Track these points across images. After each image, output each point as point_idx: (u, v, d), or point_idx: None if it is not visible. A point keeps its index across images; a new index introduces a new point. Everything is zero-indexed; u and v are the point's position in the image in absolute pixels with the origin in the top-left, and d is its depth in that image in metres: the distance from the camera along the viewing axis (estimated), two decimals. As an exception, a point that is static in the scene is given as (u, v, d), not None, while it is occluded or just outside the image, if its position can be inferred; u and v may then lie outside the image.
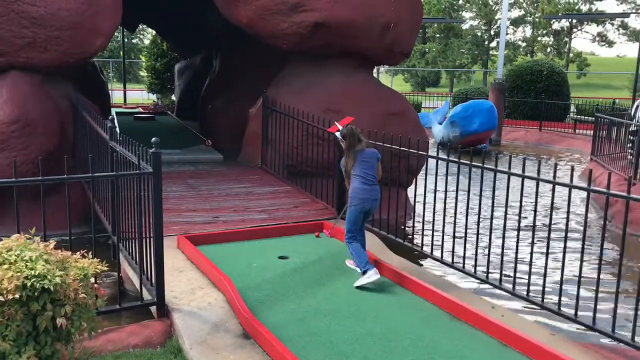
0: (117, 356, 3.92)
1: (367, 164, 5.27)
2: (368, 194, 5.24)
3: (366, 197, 5.23)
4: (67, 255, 3.56)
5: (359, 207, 5.24)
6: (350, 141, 5.31)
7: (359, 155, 5.28)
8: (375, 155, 5.37)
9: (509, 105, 20.79)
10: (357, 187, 5.24)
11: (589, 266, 6.42)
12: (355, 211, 5.26)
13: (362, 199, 5.23)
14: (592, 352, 4.01)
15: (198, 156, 10.51)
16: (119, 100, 24.63)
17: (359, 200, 5.23)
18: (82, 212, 7.16)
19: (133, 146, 4.72)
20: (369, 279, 5.00)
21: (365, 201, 5.24)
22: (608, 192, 4.09)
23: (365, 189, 5.23)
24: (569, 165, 4.53)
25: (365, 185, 5.23)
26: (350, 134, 5.33)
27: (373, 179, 5.28)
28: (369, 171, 5.27)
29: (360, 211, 5.27)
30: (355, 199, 5.25)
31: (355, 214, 5.27)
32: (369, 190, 5.24)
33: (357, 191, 5.24)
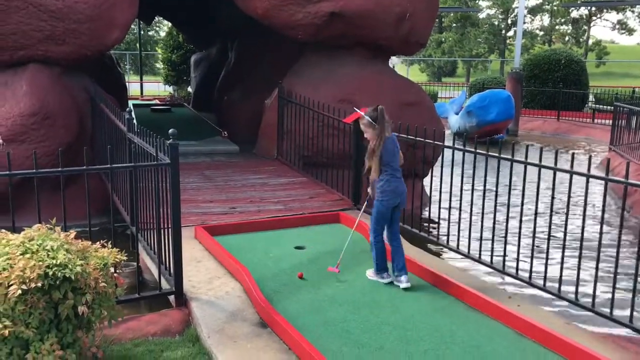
0: (137, 344, 3.98)
1: (394, 153, 4.81)
2: (401, 187, 4.83)
3: (400, 191, 4.82)
4: (87, 245, 3.62)
5: (390, 202, 4.80)
6: (383, 125, 4.72)
7: (389, 142, 4.77)
8: (395, 140, 4.92)
9: (526, 94, 20.60)
10: (389, 180, 4.78)
11: (606, 258, 6.38)
12: (386, 207, 4.82)
13: (395, 192, 4.79)
14: (608, 342, 4.00)
15: (214, 147, 10.58)
16: (136, 93, 24.81)
17: (391, 194, 4.78)
18: (101, 203, 7.25)
19: (150, 138, 4.78)
20: (381, 279, 4.90)
21: (397, 195, 4.81)
22: (627, 181, 4.06)
23: (398, 180, 4.80)
24: (587, 155, 4.50)
25: (397, 178, 4.80)
26: (382, 116, 4.72)
27: (398, 170, 4.85)
28: (398, 160, 4.84)
29: (390, 207, 4.83)
30: (388, 193, 4.78)
31: (385, 210, 4.83)
32: (402, 183, 4.83)
33: (390, 184, 4.78)
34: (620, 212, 4.32)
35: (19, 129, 7.30)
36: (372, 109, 4.83)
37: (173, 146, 4.32)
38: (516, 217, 5.13)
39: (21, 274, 3.12)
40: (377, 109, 4.78)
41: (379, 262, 4.90)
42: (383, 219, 4.88)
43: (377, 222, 4.87)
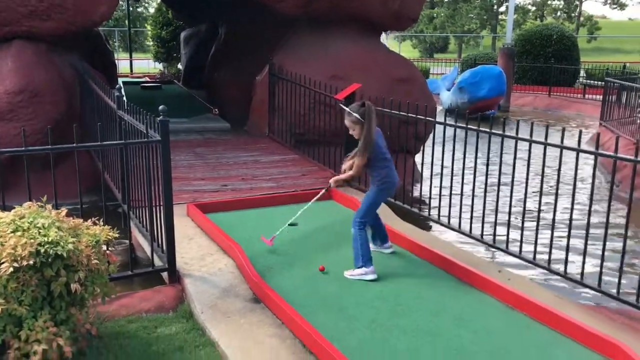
0: (130, 321, 4.00)
1: (384, 144, 4.71)
2: (395, 178, 4.74)
3: (395, 182, 4.74)
4: (78, 223, 3.61)
5: (389, 192, 4.79)
6: (371, 123, 4.52)
7: (379, 135, 4.65)
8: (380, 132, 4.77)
9: (518, 70, 20.56)
10: (391, 170, 4.69)
11: (595, 233, 6.43)
12: (383, 197, 4.78)
13: (394, 183, 4.73)
14: (596, 313, 4.06)
15: (205, 125, 10.52)
16: (125, 70, 24.56)
17: (391, 184, 4.71)
18: (92, 182, 7.21)
19: (140, 115, 4.74)
20: (366, 275, 4.53)
21: (393, 186, 4.76)
22: (616, 155, 4.08)
23: (392, 171, 4.71)
24: (578, 130, 4.52)
25: (389, 169, 4.70)
26: (371, 114, 4.52)
27: (390, 160, 4.74)
28: (387, 152, 4.71)
29: (386, 197, 4.86)
30: (389, 184, 4.69)
31: (380, 200, 4.78)
32: (395, 174, 4.75)
33: (392, 175, 4.69)
34: (609, 186, 4.36)
35: (6, 106, 7.22)
36: (359, 104, 4.64)
37: (163, 123, 4.29)
38: (508, 192, 5.15)
39: (12, 252, 3.11)
40: (364, 104, 4.59)
41: (362, 253, 4.58)
42: (375, 209, 4.79)
43: (369, 211, 4.71)
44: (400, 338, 3.68)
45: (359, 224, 4.64)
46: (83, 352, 3.52)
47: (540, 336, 3.75)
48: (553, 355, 3.53)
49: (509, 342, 3.65)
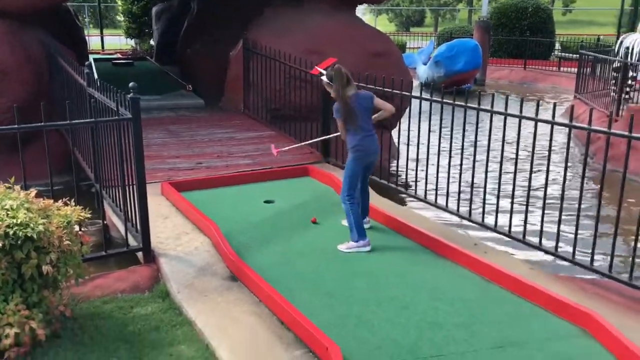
0: (106, 301, 3.96)
1: (364, 112, 4.67)
2: (373, 146, 4.71)
3: (372, 150, 4.71)
4: (49, 204, 3.53)
5: (362, 161, 4.69)
6: (339, 84, 4.60)
7: (353, 101, 4.63)
8: (370, 100, 4.73)
9: (493, 43, 20.58)
10: (361, 139, 4.65)
11: (569, 202, 6.52)
12: (357, 165, 4.69)
13: (366, 151, 4.68)
14: (569, 284, 4.13)
15: (179, 102, 10.37)
16: (97, 47, 24.01)
17: (362, 153, 4.66)
18: (64, 161, 7.06)
19: (111, 92, 4.63)
20: (358, 249, 4.61)
21: (369, 154, 4.71)
22: (589, 128, 4.11)
23: (370, 139, 4.69)
24: (553, 103, 4.53)
25: (369, 136, 4.68)
26: (338, 75, 4.60)
27: (372, 128, 4.73)
28: (368, 119, 4.70)
29: (361, 165, 4.72)
30: (358, 152, 4.66)
31: (356, 169, 4.70)
32: (370, 141, 4.69)
33: (362, 143, 4.66)
34: (584, 158, 4.39)
35: (-28, 85, 7.01)
36: (330, 67, 4.74)
37: (134, 100, 4.20)
38: (483, 165, 5.17)
39: (-20, 235, 3.04)
40: (335, 67, 4.66)
41: (358, 229, 4.63)
42: (355, 178, 4.75)
43: (351, 182, 4.71)
44: (377, 312, 3.70)
45: (346, 198, 4.68)
46: (57, 335, 3.47)
47: (515, 307, 3.79)
48: (527, 325, 3.57)
49: (485, 314, 3.69)
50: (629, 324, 3.57)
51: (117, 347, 3.41)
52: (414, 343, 3.35)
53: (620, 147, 7.66)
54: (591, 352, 3.31)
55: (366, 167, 4.79)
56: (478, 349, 3.30)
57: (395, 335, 3.43)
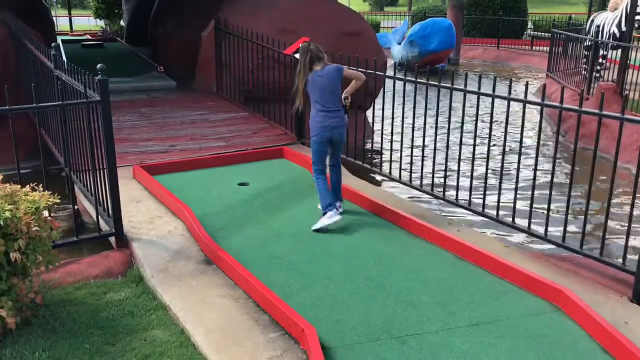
0: (78, 287, 3.90)
1: (326, 87, 4.67)
2: (328, 121, 4.70)
3: (326, 125, 4.70)
4: (16, 189, 3.44)
5: (318, 137, 4.74)
6: (304, 59, 4.71)
7: (316, 77, 4.69)
8: (336, 73, 4.73)
9: (467, 23, 20.63)
10: (315, 115, 4.73)
11: (542, 180, 6.60)
12: (317, 142, 4.76)
13: (321, 127, 4.71)
14: (542, 261, 4.18)
15: (150, 83, 10.20)
16: (65, 28, 23.48)
17: (318, 129, 4.72)
18: (33, 146, 6.91)
19: (79, 74, 4.52)
20: (329, 219, 4.63)
21: (325, 129, 4.71)
22: (561, 106, 4.14)
23: (325, 115, 4.69)
24: (525, 82, 4.55)
25: (324, 112, 4.69)
26: (304, 51, 4.72)
27: (333, 104, 4.71)
28: (329, 95, 4.69)
29: (321, 141, 4.75)
30: (314, 129, 4.74)
31: (317, 146, 4.77)
32: (328, 117, 4.70)
33: (315, 119, 4.73)
34: (556, 137, 4.43)
35: None
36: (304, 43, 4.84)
37: (102, 82, 4.10)
38: (457, 145, 5.19)
39: (-56, 222, 2.95)
40: (304, 44, 4.78)
41: (322, 199, 4.72)
42: (318, 154, 4.79)
43: (315, 159, 4.80)
44: (353, 293, 3.71)
45: (314, 172, 4.81)
46: (28, 322, 3.41)
47: (489, 285, 3.84)
48: (501, 301, 3.62)
49: (459, 292, 3.73)
50: (599, 299, 3.63)
51: (90, 333, 3.37)
52: (389, 322, 3.37)
53: (592, 125, 7.77)
54: (563, 327, 3.36)
55: (327, 143, 4.79)
56: (453, 327, 3.34)
57: (371, 315, 3.45)
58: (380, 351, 3.12)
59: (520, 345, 3.18)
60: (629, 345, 3.01)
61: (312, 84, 4.72)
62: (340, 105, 4.78)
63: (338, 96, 4.76)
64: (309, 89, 4.75)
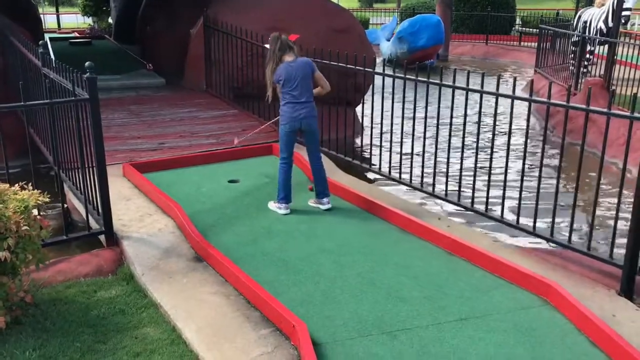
0: (68, 286, 3.89)
1: (296, 78, 4.74)
2: (296, 112, 4.76)
3: (294, 116, 4.77)
4: (4, 188, 3.43)
5: (287, 126, 4.81)
6: (273, 48, 4.76)
7: (287, 67, 4.75)
8: (307, 67, 4.82)
9: (455, 19, 20.68)
10: (284, 105, 4.81)
11: (530, 175, 6.64)
12: (285, 131, 4.84)
13: (289, 117, 4.78)
14: (531, 255, 4.22)
15: (139, 81, 10.16)
16: (53, 25, 23.30)
17: (286, 119, 4.80)
18: (22, 144, 6.86)
19: (67, 72, 4.50)
20: (277, 209, 4.91)
21: (294, 120, 4.78)
22: (549, 102, 4.17)
23: (295, 106, 4.76)
24: (513, 78, 4.58)
25: (293, 103, 4.77)
26: (274, 40, 4.78)
27: (303, 95, 4.76)
28: (299, 85, 4.74)
29: (289, 131, 4.83)
30: (283, 118, 4.82)
31: (283, 134, 4.86)
32: (297, 108, 4.76)
33: (284, 109, 4.81)
34: (543, 132, 4.46)
35: None
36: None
37: (91, 80, 4.08)
38: (446, 141, 5.22)
39: None
40: (274, 34, 4.87)
41: (279, 188, 4.90)
42: (285, 143, 4.89)
43: (282, 148, 4.91)
44: (344, 289, 3.72)
45: (279, 161, 4.92)
46: (19, 321, 3.40)
47: (479, 280, 3.87)
48: (490, 296, 3.65)
49: (448, 287, 3.76)
50: (587, 292, 3.68)
51: (80, 331, 3.36)
52: (380, 318, 3.39)
53: (579, 120, 7.82)
54: (552, 321, 3.40)
55: (294, 132, 4.86)
56: (442, 322, 3.36)
57: (361, 311, 3.47)
58: (371, 346, 3.13)
59: (510, 339, 3.21)
60: (617, 338, 3.05)
61: (282, 74, 4.76)
62: (311, 97, 4.84)
63: (308, 87, 4.81)
64: (278, 79, 4.79)
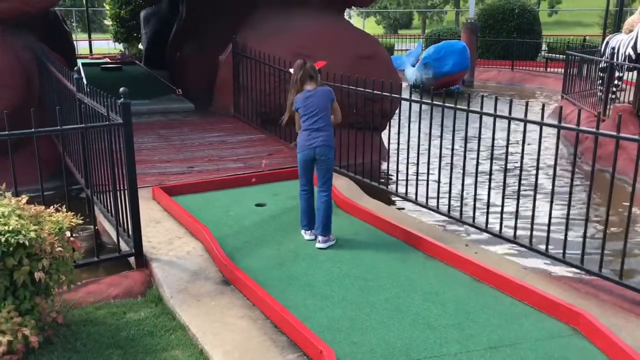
0: (98, 307, 3.94)
1: (315, 106, 4.70)
2: (312, 140, 4.71)
3: (309, 144, 4.71)
4: (40, 210, 3.52)
5: (302, 154, 4.79)
6: (296, 77, 4.73)
7: (307, 95, 4.73)
8: (327, 96, 4.79)
9: (481, 45, 20.73)
10: (301, 132, 4.79)
11: (559, 202, 6.57)
12: (299, 159, 4.84)
13: (304, 145, 4.74)
14: (560, 283, 4.16)
15: (168, 106, 10.35)
16: (85, 51, 23.93)
17: (301, 147, 4.77)
18: (54, 167, 7.03)
19: (101, 97, 4.62)
20: (303, 234, 4.95)
21: (308, 148, 4.72)
22: (578, 128, 4.15)
23: (310, 134, 4.71)
24: (541, 104, 4.57)
25: (309, 130, 4.72)
26: (298, 67, 4.74)
27: (320, 124, 4.70)
28: (317, 114, 4.70)
29: (303, 159, 4.79)
30: (299, 147, 4.80)
31: (298, 162, 4.86)
32: (313, 136, 4.70)
33: (301, 137, 4.78)
34: (572, 159, 4.43)
35: (-39, 92, 6.96)
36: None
37: (125, 105, 4.19)
38: (474, 166, 5.21)
39: (-28, 242, 3.02)
40: (299, 60, 4.84)
41: (301, 216, 4.94)
42: (301, 171, 4.88)
43: (299, 174, 4.91)
44: (370, 314, 3.71)
45: (299, 188, 4.94)
46: (50, 341, 3.46)
47: (507, 307, 3.82)
48: (520, 325, 3.60)
49: (477, 315, 3.72)
50: (619, 322, 3.61)
51: (110, 353, 3.40)
52: (407, 345, 3.37)
53: (608, 147, 7.74)
54: (583, 351, 3.34)
55: (310, 161, 4.80)
56: (471, 350, 3.33)
57: (389, 337, 3.45)
58: (398, 373, 3.11)
59: (540, 368, 3.16)
60: (650, 369, 2.99)
61: (302, 102, 4.76)
62: (328, 127, 4.79)
63: (326, 116, 4.78)
64: (297, 106, 4.79)
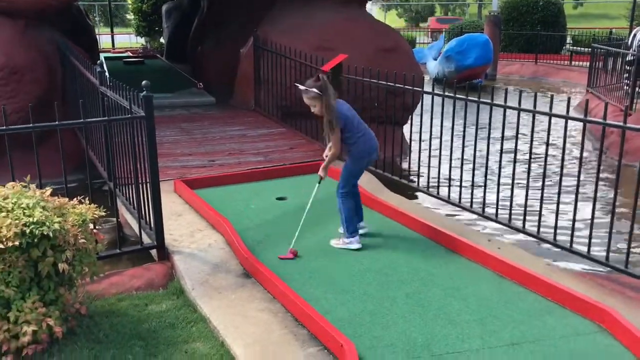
0: (121, 299, 3.98)
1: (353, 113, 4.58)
2: (372, 140, 4.61)
3: (373, 143, 4.61)
4: (64, 202, 3.55)
5: (367, 159, 4.67)
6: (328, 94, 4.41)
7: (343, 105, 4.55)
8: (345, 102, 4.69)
9: (504, 38, 20.47)
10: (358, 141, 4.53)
11: (584, 196, 6.47)
12: (360, 167, 4.69)
13: (371, 147, 4.60)
14: (586, 280, 4.09)
15: (190, 99, 10.40)
16: (107, 45, 24.17)
17: (365, 152, 4.59)
18: (77, 160, 7.10)
19: (124, 90, 4.65)
20: (348, 245, 4.59)
21: (373, 149, 4.63)
22: (604, 122, 4.07)
23: (369, 134, 4.60)
24: (565, 98, 4.49)
25: (366, 132, 4.59)
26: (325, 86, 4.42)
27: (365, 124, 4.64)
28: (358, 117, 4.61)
29: (363, 165, 4.70)
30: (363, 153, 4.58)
31: (359, 171, 4.70)
32: (372, 136, 4.62)
33: (361, 145, 4.55)
34: (598, 153, 4.35)
35: (-14, 85, 7.07)
36: (314, 79, 4.50)
37: (147, 98, 4.21)
38: (497, 160, 5.15)
39: (-3, 233, 3.06)
40: (319, 78, 4.45)
41: (348, 222, 4.62)
42: (355, 178, 4.71)
43: (348, 182, 4.67)
44: (391, 309, 3.69)
45: (341, 195, 4.67)
46: (74, 332, 3.50)
47: (531, 303, 3.77)
48: (543, 321, 3.55)
49: (499, 311, 3.67)
50: (646, 319, 3.53)
51: (132, 344, 3.43)
52: (428, 340, 3.34)
53: (635, 141, 7.59)
54: (609, 348, 3.28)
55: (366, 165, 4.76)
56: (493, 346, 3.29)
57: (410, 332, 3.42)
58: (420, 368, 3.09)
59: (564, 365, 3.12)
60: (678, 368, 2.92)
61: (348, 111, 4.55)
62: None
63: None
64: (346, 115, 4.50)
